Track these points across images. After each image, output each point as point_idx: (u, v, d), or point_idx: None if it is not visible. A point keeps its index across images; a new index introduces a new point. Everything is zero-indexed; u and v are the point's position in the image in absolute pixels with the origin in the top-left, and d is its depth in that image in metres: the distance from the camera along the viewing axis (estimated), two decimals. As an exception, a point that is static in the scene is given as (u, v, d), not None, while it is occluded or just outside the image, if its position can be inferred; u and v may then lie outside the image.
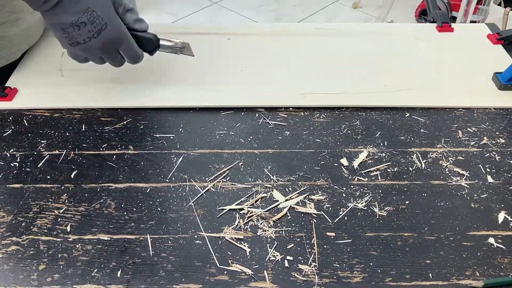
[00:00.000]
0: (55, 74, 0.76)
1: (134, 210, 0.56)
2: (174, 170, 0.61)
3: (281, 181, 0.59)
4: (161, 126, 0.67)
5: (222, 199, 0.57)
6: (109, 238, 0.53)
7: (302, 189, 0.58)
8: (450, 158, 0.62)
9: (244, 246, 0.52)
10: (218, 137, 0.66)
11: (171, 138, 0.66)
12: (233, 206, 0.56)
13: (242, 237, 0.53)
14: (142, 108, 0.70)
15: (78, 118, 0.69)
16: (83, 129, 0.67)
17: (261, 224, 0.54)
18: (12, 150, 0.64)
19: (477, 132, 0.66)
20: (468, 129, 0.67)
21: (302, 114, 0.69)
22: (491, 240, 0.53)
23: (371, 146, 0.64)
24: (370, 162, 0.62)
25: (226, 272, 0.50)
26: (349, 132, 0.66)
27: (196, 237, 0.53)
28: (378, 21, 2.45)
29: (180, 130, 0.67)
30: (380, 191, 0.58)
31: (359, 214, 0.55)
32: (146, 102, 0.71)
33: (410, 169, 0.61)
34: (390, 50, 0.82)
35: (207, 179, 0.60)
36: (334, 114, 0.69)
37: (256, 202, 0.57)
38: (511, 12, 1.90)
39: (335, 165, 0.62)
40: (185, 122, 0.68)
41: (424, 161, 0.62)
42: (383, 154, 0.63)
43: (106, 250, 0.52)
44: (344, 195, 0.58)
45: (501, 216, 0.55)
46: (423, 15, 2.52)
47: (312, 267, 0.50)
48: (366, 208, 0.56)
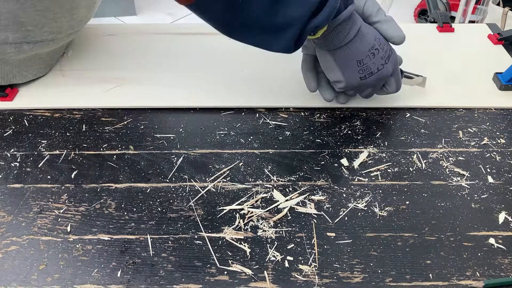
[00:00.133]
0: (56, 74, 0.76)
1: (134, 210, 0.56)
2: (174, 170, 0.61)
3: (281, 181, 0.59)
4: (161, 126, 0.67)
5: (222, 199, 0.57)
6: (109, 238, 0.53)
7: (303, 189, 0.58)
8: (450, 159, 0.62)
9: (244, 246, 0.52)
10: (218, 137, 0.66)
11: (171, 138, 0.66)
12: (233, 206, 0.56)
13: (242, 237, 0.53)
14: (143, 108, 0.70)
15: (78, 118, 0.69)
16: (84, 129, 0.67)
17: (261, 224, 0.54)
18: (12, 150, 0.64)
19: (477, 132, 0.66)
20: (468, 129, 0.67)
21: (302, 114, 0.69)
22: (492, 240, 0.53)
23: (372, 146, 0.64)
24: (370, 162, 0.62)
25: (226, 272, 0.50)
26: (349, 132, 0.66)
27: (196, 237, 0.53)
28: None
29: (180, 130, 0.67)
30: (380, 191, 0.58)
31: (360, 214, 0.55)
32: (146, 102, 0.71)
33: (411, 169, 0.61)
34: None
35: (207, 179, 0.60)
36: (334, 114, 0.69)
37: (256, 202, 0.57)
38: (510, 12, 1.90)
39: (336, 165, 0.62)
40: (185, 122, 0.68)
41: (424, 161, 0.62)
42: (384, 154, 0.63)
43: (106, 250, 0.52)
44: (344, 195, 0.58)
45: (501, 216, 0.55)
46: (422, 15, 2.52)
47: (312, 268, 0.50)
48: (366, 208, 0.56)
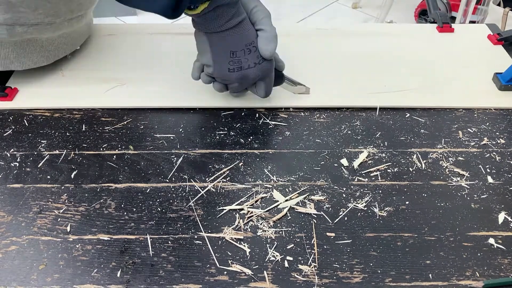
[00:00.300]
0: (56, 74, 0.76)
1: (134, 210, 0.56)
2: (174, 170, 0.61)
3: (281, 181, 0.59)
4: (161, 126, 0.67)
5: (222, 199, 0.57)
6: (109, 238, 0.53)
7: (302, 189, 0.58)
8: (450, 159, 0.62)
9: (244, 246, 0.52)
10: (218, 137, 0.66)
11: (171, 138, 0.66)
12: (233, 206, 0.56)
13: (242, 237, 0.53)
14: (142, 108, 0.70)
15: (78, 118, 0.69)
16: (83, 129, 0.67)
17: (261, 224, 0.54)
18: (12, 150, 0.64)
19: (477, 132, 0.66)
20: (468, 129, 0.67)
21: (302, 114, 0.69)
22: (491, 240, 0.53)
23: (371, 147, 0.64)
24: (370, 162, 0.62)
25: (226, 272, 0.50)
26: (349, 132, 0.66)
27: (196, 237, 0.53)
28: (378, 21, 2.45)
29: (180, 130, 0.67)
30: (380, 192, 0.58)
31: (359, 214, 0.55)
32: (146, 102, 0.71)
33: (410, 169, 0.61)
34: (390, 50, 0.82)
35: (207, 179, 0.60)
36: (334, 115, 0.69)
37: (256, 202, 0.57)
38: (511, 12, 1.90)
39: (335, 165, 0.62)
40: (185, 122, 0.68)
41: (424, 161, 0.62)
42: (383, 155, 0.63)
43: (106, 250, 0.52)
44: (344, 196, 0.58)
45: (501, 216, 0.55)
46: (423, 15, 2.52)
47: (312, 268, 0.50)
48: (366, 208, 0.56)
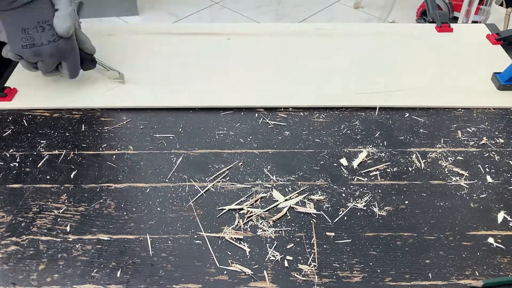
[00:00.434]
0: (55, 74, 0.76)
1: (134, 210, 0.56)
2: (173, 170, 0.61)
3: (280, 181, 0.59)
4: (161, 126, 0.68)
5: (222, 199, 0.57)
6: (108, 238, 0.53)
7: (302, 189, 0.58)
8: (449, 158, 0.62)
9: (243, 246, 0.52)
10: (217, 137, 0.66)
11: (171, 138, 0.66)
12: (232, 206, 0.56)
13: (241, 237, 0.53)
14: (142, 108, 0.70)
15: (77, 118, 0.69)
16: (83, 129, 0.67)
17: (260, 224, 0.54)
18: (11, 150, 0.64)
19: (476, 132, 0.66)
20: (467, 129, 0.67)
21: (301, 114, 0.69)
22: (491, 240, 0.53)
23: (371, 146, 0.64)
24: (369, 162, 0.62)
25: (226, 272, 0.50)
26: (348, 132, 0.66)
27: (196, 237, 0.53)
28: (380, 21, 2.45)
29: (180, 130, 0.67)
30: (379, 191, 0.58)
31: (359, 214, 0.55)
32: (145, 102, 0.71)
33: (410, 169, 0.61)
34: (390, 50, 0.82)
35: (207, 179, 0.60)
36: (333, 114, 0.69)
37: (255, 202, 0.57)
38: (513, 12, 1.89)
39: (335, 165, 0.62)
40: (185, 122, 0.68)
41: (423, 161, 0.62)
42: (383, 154, 0.63)
43: (105, 250, 0.52)
44: (343, 195, 0.58)
45: (500, 216, 0.55)
46: (424, 16, 2.52)
47: (311, 267, 0.50)
48: (365, 208, 0.56)
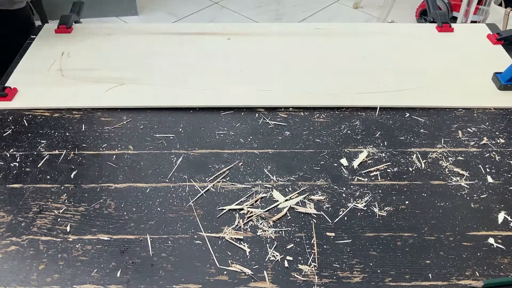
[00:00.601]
0: (55, 74, 0.76)
1: (134, 210, 0.56)
2: (174, 170, 0.61)
3: (281, 181, 0.59)
4: (161, 126, 0.67)
5: (222, 199, 0.57)
6: (108, 238, 0.53)
7: (302, 189, 0.58)
8: (450, 158, 0.62)
9: (244, 246, 0.52)
10: (218, 137, 0.66)
11: (171, 138, 0.66)
12: (233, 206, 0.56)
13: (242, 237, 0.53)
14: (142, 108, 0.70)
15: (78, 118, 0.69)
16: (83, 129, 0.67)
17: (261, 224, 0.54)
18: (12, 150, 0.64)
19: (477, 132, 0.66)
20: (468, 129, 0.67)
21: (302, 114, 0.69)
22: (491, 240, 0.53)
23: (371, 146, 0.64)
24: (370, 162, 0.62)
25: (225, 272, 0.50)
26: (349, 132, 0.66)
27: (196, 237, 0.53)
28: (379, 21, 2.45)
29: (180, 130, 0.67)
30: (380, 191, 0.58)
31: (359, 214, 0.55)
32: (146, 102, 0.71)
33: (410, 169, 0.61)
34: (390, 50, 0.82)
35: (207, 179, 0.60)
36: (334, 114, 0.69)
37: (256, 202, 0.57)
38: (512, 12, 1.89)
39: (335, 165, 0.62)
40: (185, 122, 0.68)
41: (424, 161, 0.62)
42: (383, 154, 0.63)
43: (105, 250, 0.52)
44: (344, 195, 0.58)
45: (501, 216, 0.55)
46: (424, 15, 2.52)
47: (312, 267, 0.50)
48: (366, 208, 0.56)
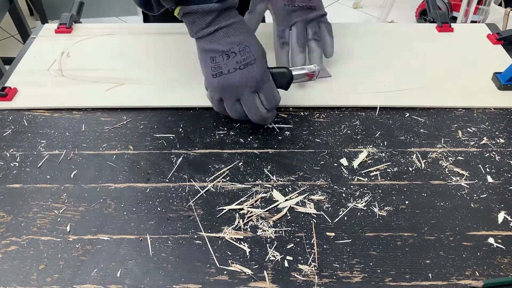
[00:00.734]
0: (55, 74, 0.76)
1: (134, 210, 0.56)
2: (174, 170, 0.61)
3: (281, 181, 0.59)
4: (161, 126, 0.67)
5: (222, 199, 0.57)
6: (108, 238, 0.53)
7: (302, 189, 0.58)
8: (450, 158, 0.62)
9: (244, 246, 0.52)
10: (218, 137, 0.66)
11: (171, 138, 0.66)
12: (233, 206, 0.56)
13: (242, 237, 0.53)
14: (142, 108, 0.70)
15: (78, 118, 0.69)
16: (83, 129, 0.67)
17: (260, 224, 0.54)
18: (12, 150, 0.64)
19: (477, 132, 0.66)
20: (468, 129, 0.67)
21: (302, 114, 0.69)
22: (491, 240, 0.53)
23: (371, 146, 0.64)
24: (370, 162, 0.62)
25: (225, 272, 0.50)
26: (349, 132, 0.66)
27: (196, 237, 0.53)
28: (379, 21, 2.45)
29: (180, 130, 0.67)
30: (380, 191, 0.58)
31: (359, 214, 0.55)
32: (146, 102, 0.71)
33: (410, 169, 0.61)
34: (390, 50, 0.82)
35: (207, 179, 0.60)
36: (334, 114, 0.69)
37: (256, 202, 0.57)
38: (512, 12, 1.90)
39: (335, 165, 0.62)
40: (184, 122, 0.68)
41: (424, 161, 0.62)
42: (383, 154, 0.63)
43: (105, 250, 0.52)
44: (344, 195, 0.58)
45: (501, 216, 0.55)
46: (424, 15, 2.52)
47: (312, 267, 0.50)
48: (366, 208, 0.56)
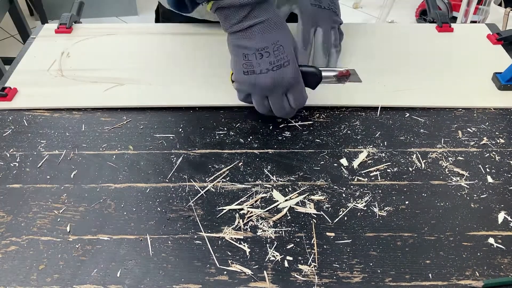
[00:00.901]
0: (55, 74, 0.76)
1: (134, 210, 0.56)
2: (173, 170, 0.61)
3: (281, 181, 0.59)
4: (161, 126, 0.67)
5: (222, 199, 0.57)
6: (108, 238, 0.53)
7: (302, 189, 0.58)
8: (450, 158, 0.62)
9: (244, 246, 0.52)
10: (218, 137, 0.66)
11: (171, 138, 0.66)
12: (233, 206, 0.56)
13: (242, 237, 0.53)
14: (142, 108, 0.70)
15: (78, 118, 0.69)
16: (83, 129, 0.67)
17: (260, 224, 0.54)
18: (11, 150, 0.64)
19: (476, 132, 0.66)
20: (468, 129, 0.67)
21: (302, 114, 0.69)
22: (491, 240, 0.53)
23: (371, 146, 0.64)
24: (370, 162, 0.62)
25: (225, 272, 0.50)
26: (349, 132, 0.66)
27: (196, 237, 0.53)
28: (379, 21, 2.45)
29: (180, 130, 0.67)
30: (380, 191, 0.58)
31: (359, 214, 0.55)
32: (145, 102, 0.71)
33: (410, 169, 0.61)
34: (390, 50, 0.82)
35: (207, 179, 0.60)
36: (334, 114, 0.69)
37: (256, 202, 0.57)
38: (512, 12, 1.90)
39: (335, 165, 0.62)
40: (184, 122, 0.68)
41: (424, 161, 0.62)
42: (383, 154, 0.63)
43: (105, 250, 0.52)
44: (344, 195, 0.58)
45: (501, 216, 0.55)
46: (424, 15, 2.52)
47: (312, 267, 0.50)
48: (366, 208, 0.56)
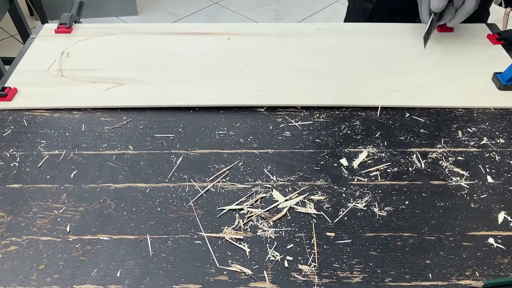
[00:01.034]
0: (55, 74, 0.76)
1: (134, 210, 0.56)
2: (174, 170, 0.61)
3: (281, 181, 0.59)
4: (161, 126, 0.67)
5: (222, 199, 0.57)
6: (108, 238, 0.53)
7: (302, 189, 0.58)
8: (450, 158, 0.62)
9: (243, 246, 0.52)
10: (218, 137, 0.66)
11: (171, 138, 0.66)
12: (233, 206, 0.56)
13: (241, 237, 0.53)
14: (142, 108, 0.70)
15: (77, 118, 0.69)
16: (83, 129, 0.67)
17: (261, 224, 0.54)
18: (11, 150, 0.64)
19: (477, 132, 0.66)
20: (468, 129, 0.67)
21: (302, 114, 0.69)
22: (491, 240, 0.53)
23: (371, 146, 0.64)
24: (370, 162, 0.62)
25: (225, 272, 0.50)
26: (349, 132, 0.66)
27: (196, 237, 0.53)
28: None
29: (180, 130, 0.67)
30: (380, 191, 0.58)
31: (359, 214, 0.55)
32: (145, 102, 0.71)
33: (410, 169, 0.61)
34: (390, 50, 0.82)
35: (207, 179, 0.60)
36: (334, 114, 0.69)
37: (256, 202, 0.57)
38: (512, 12, 1.89)
39: (335, 165, 0.62)
40: (185, 122, 0.68)
41: (424, 161, 0.62)
42: (383, 154, 0.63)
43: (105, 250, 0.52)
44: (344, 195, 0.58)
45: (501, 216, 0.55)
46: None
47: (311, 267, 0.50)
48: (366, 208, 0.56)
